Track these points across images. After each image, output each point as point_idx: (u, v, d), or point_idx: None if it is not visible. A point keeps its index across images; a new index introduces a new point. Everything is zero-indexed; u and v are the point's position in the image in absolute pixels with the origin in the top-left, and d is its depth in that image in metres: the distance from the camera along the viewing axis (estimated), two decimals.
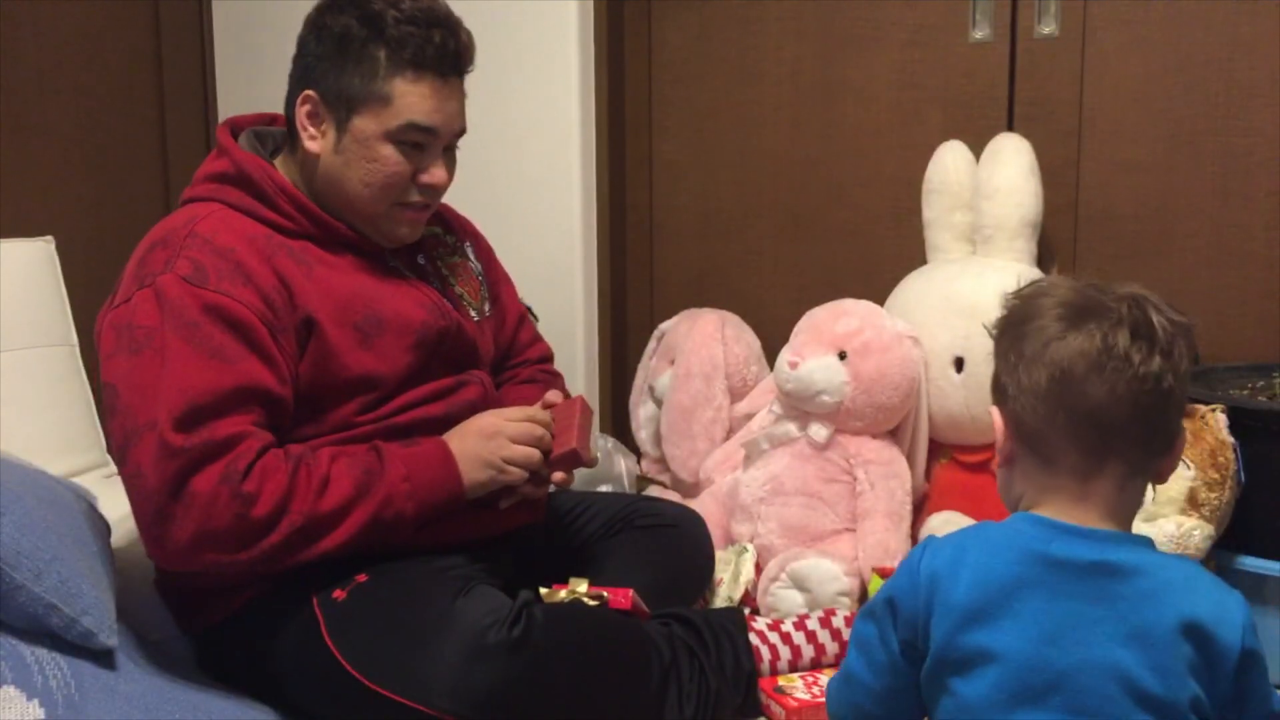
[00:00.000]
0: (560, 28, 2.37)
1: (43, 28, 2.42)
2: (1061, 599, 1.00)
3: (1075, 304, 1.03)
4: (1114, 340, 0.99)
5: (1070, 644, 0.99)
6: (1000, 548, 1.03)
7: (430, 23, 1.48)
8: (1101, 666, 0.98)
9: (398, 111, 1.48)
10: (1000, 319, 1.09)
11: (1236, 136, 2.00)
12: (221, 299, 1.39)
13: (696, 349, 2.25)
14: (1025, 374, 1.02)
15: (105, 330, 1.43)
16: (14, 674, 1.21)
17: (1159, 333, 1.01)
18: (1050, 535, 1.02)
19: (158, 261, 1.42)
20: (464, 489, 1.48)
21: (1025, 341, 1.03)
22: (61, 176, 2.47)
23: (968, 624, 1.01)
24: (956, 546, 1.06)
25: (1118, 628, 0.99)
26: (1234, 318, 2.03)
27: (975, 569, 1.02)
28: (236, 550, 1.36)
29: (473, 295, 1.69)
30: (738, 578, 1.88)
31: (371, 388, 1.49)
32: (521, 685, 1.36)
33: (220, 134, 1.57)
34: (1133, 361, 0.99)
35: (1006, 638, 1.00)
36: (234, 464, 1.35)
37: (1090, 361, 0.99)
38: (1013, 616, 1.00)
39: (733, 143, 2.46)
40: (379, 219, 1.54)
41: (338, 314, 1.47)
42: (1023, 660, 0.99)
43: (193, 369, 1.36)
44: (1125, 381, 0.99)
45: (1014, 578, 1.01)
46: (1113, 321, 1.00)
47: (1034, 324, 1.03)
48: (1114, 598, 1.00)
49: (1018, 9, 2.14)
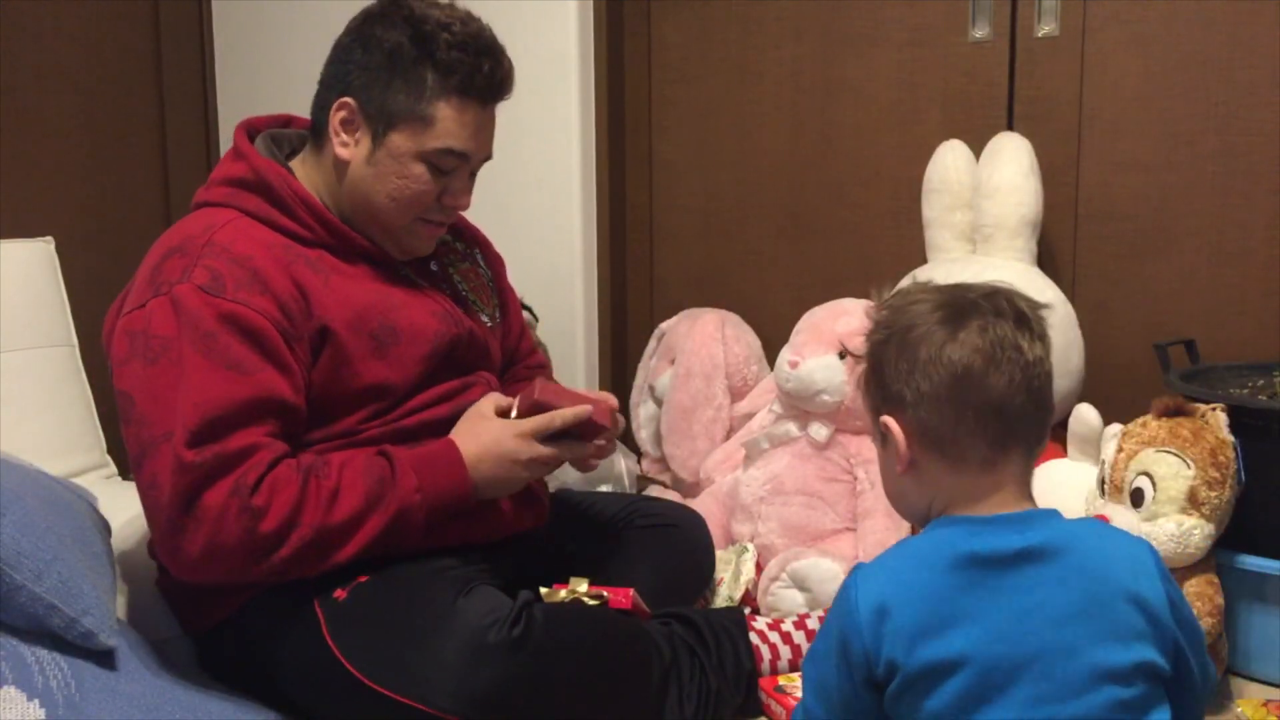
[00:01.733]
0: (560, 27, 2.37)
1: (43, 28, 2.42)
2: (1001, 594, 1.02)
3: (951, 305, 1.07)
4: (1001, 333, 1.04)
5: (1020, 635, 1.01)
6: (929, 560, 1.04)
7: (480, 50, 1.50)
8: (1055, 650, 1.00)
9: (437, 135, 1.49)
10: (876, 331, 1.11)
11: (1236, 135, 2.00)
12: (238, 308, 1.39)
13: (697, 349, 2.25)
14: (923, 379, 1.05)
15: (118, 335, 1.42)
16: (14, 674, 1.21)
17: (1032, 320, 1.07)
18: (971, 533, 1.04)
19: (174, 270, 1.42)
20: (472, 492, 1.48)
21: (916, 348, 1.06)
22: (61, 177, 2.47)
23: (919, 642, 1.01)
24: (887, 570, 1.06)
25: (1058, 610, 1.01)
26: (1234, 316, 2.03)
27: (911, 587, 1.03)
28: (247, 564, 1.36)
29: (484, 301, 1.70)
30: (738, 577, 1.88)
31: (383, 396, 1.49)
32: (522, 685, 1.36)
33: (237, 136, 1.56)
34: (1022, 350, 1.04)
35: (960, 644, 1.01)
36: (244, 477, 1.35)
37: (986, 357, 1.04)
38: (960, 623, 1.01)
39: (732, 142, 2.46)
40: (399, 232, 1.55)
41: (354, 323, 1.47)
42: (980, 662, 1.00)
43: (209, 381, 1.36)
44: (1019, 369, 1.04)
45: (950, 585, 1.03)
46: (993, 316, 1.05)
47: (918, 330, 1.06)
48: (1047, 582, 1.02)
49: (1017, 8, 2.14)
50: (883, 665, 1.03)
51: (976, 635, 1.01)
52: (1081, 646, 1.00)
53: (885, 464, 1.13)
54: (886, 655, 1.02)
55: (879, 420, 1.10)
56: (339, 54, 1.53)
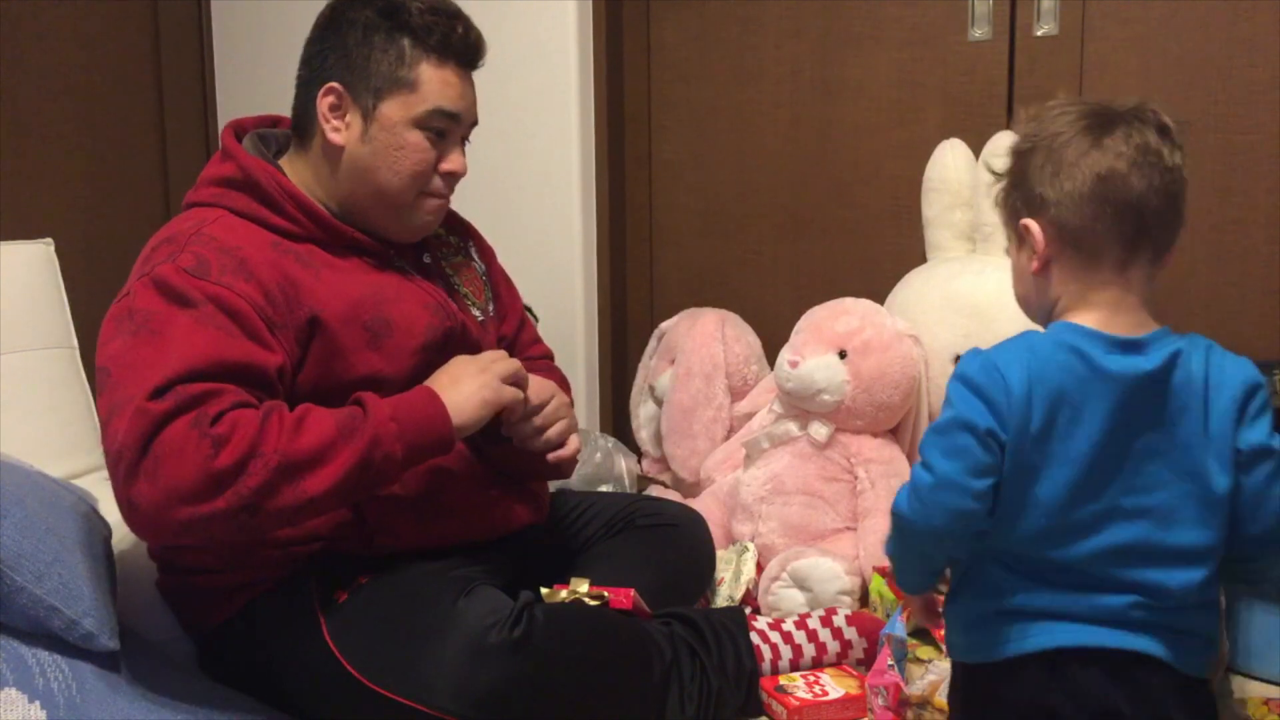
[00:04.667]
0: (559, 27, 2.37)
1: (42, 29, 2.42)
2: (1120, 409, 1.10)
3: (1098, 114, 1.14)
4: (1145, 139, 1.12)
5: (1129, 441, 1.11)
6: (1054, 362, 1.11)
7: (451, 15, 1.52)
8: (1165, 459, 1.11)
9: (425, 97, 1.50)
10: (1023, 139, 1.19)
11: (1236, 134, 2.00)
12: (221, 290, 1.38)
13: (697, 348, 2.25)
14: (1068, 179, 1.13)
15: (106, 321, 1.42)
16: (15, 676, 1.21)
17: (1174, 131, 1.15)
18: (1100, 348, 1.12)
19: (162, 256, 1.42)
20: (452, 429, 1.43)
21: (1062, 151, 1.13)
22: (61, 178, 2.48)
23: (1038, 437, 1.10)
24: (1015, 363, 1.11)
25: (1176, 432, 1.11)
26: (1234, 315, 2.03)
27: (1038, 383, 1.10)
28: (210, 497, 1.26)
29: (477, 295, 1.70)
30: (739, 577, 1.88)
31: (377, 387, 1.49)
32: (523, 685, 1.36)
33: (225, 137, 1.57)
34: (1163, 156, 1.13)
35: (1074, 445, 1.10)
36: (204, 411, 1.29)
37: (1129, 160, 1.11)
38: (1077, 423, 1.10)
39: (732, 142, 2.46)
40: (405, 209, 1.54)
41: (346, 314, 1.47)
42: (1088, 462, 1.10)
43: (198, 338, 1.34)
44: (1159, 173, 1.12)
45: (1073, 389, 1.10)
46: (1139, 124, 1.13)
47: (1064, 136, 1.14)
48: (1169, 403, 1.12)
49: (1016, 8, 2.14)
50: (1011, 439, 1.10)
51: (1090, 438, 1.10)
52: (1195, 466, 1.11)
53: (1019, 266, 1.21)
54: (1008, 434, 1.10)
55: (1018, 224, 1.18)
56: (313, 45, 1.54)
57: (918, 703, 1.48)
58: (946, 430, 1.13)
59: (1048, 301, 1.18)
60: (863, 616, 1.69)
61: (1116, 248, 1.13)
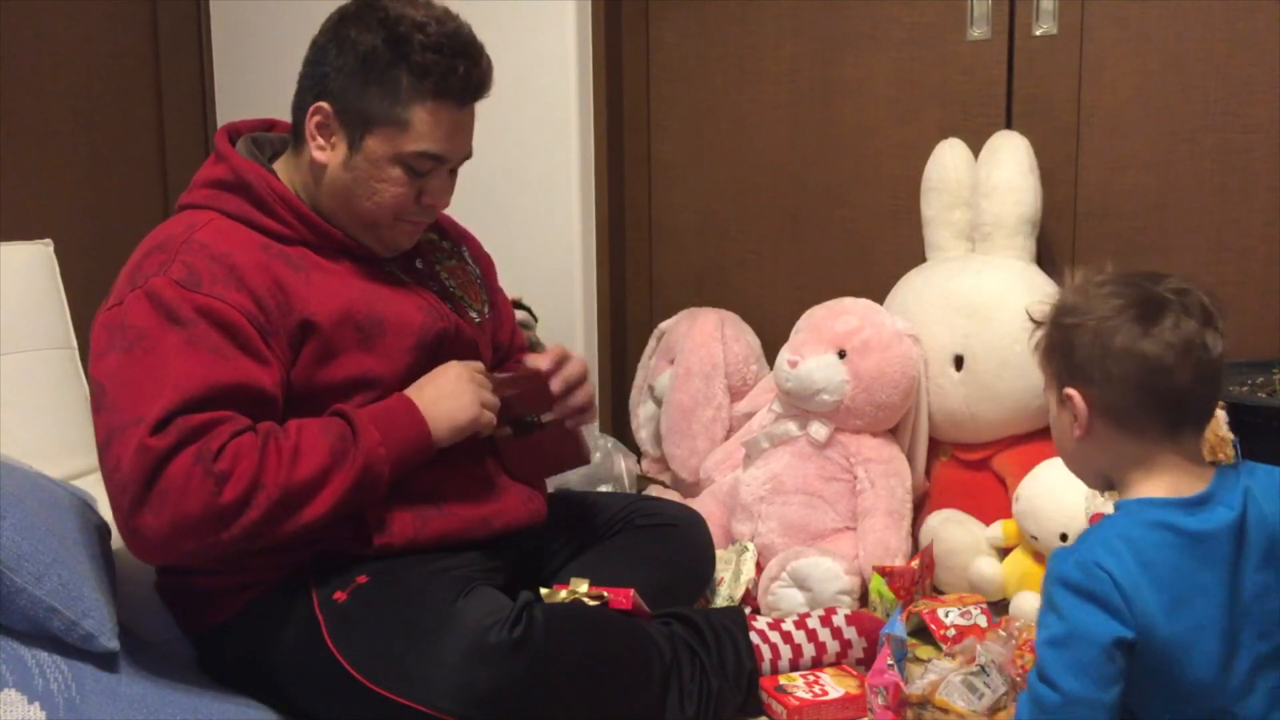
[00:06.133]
0: (558, 28, 2.37)
1: (41, 30, 2.42)
2: (1225, 563, 1.12)
3: (1145, 302, 1.15)
4: (1189, 330, 1.14)
5: (1242, 590, 1.13)
6: (1150, 543, 1.12)
7: (454, 51, 1.48)
8: (1257, 595, 1.13)
9: (413, 138, 1.48)
10: (1065, 314, 1.20)
11: (1235, 133, 2.00)
12: (213, 302, 1.39)
13: (696, 348, 2.25)
14: (1115, 365, 1.14)
15: (96, 329, 1.43)
16: (15, 677, 1.21)
17: (1216, 317, 1.16)
18: (1182, 514, 1.13)
19: (153, 265, 1.42)
20: (433, 449, 1.48)
21: (1110, 337, 1.15)
22: (60, 179, 2.48)
23: (1166, 623, 1.10)
24: (1114, 555, 1.11)
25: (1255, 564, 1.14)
26: (1233, 314, 1.98)
27: (1145, 569, 1.11)
28: (215, 531, 1.32)
29: (473, 298, 1.70)
30: (738, 577, 1.88)
31: (370, 387, 1.49)
32: (523, 686, 1.36)
33: (218, 140, 1.57)
34: (1209, 347, 1.14)
35: (1204, 613, 1.11)
36: (207, 445, 1.33)
37: (1177, 353, 1.13)
38: (1197, 593, 1.11)
39: (731, 142, 2.46)
40: (381, 229, 1.55)
41: (338, 316, 1.47)
42: (1221, 627, 1.12)
43: (192, 364, 1.36)
44: (1205, 366, 1.14)
45: (1180, 564, 1.12)
46: (1181, 313, 1.14)
47: (1112, 321, 1.15)
48: (1255, 539, 1.14)
49: (1015, 7, 2.14)
50: (1139, 637, 1.10)
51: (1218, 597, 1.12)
52: (1272, 588, 1.13)
53: (1060, 425, 1.23)
54: (1142, 627, 1.10)
55: (1061, 389, 1.20)
56: (315, 55, 1.52)
57: (917, 702, 1.48)
58: (1066, 644, 1.11)
59: (1099, 467, 1.22)
60: (862, 616, 1.69)
61: (1158, 427, 1.16)
